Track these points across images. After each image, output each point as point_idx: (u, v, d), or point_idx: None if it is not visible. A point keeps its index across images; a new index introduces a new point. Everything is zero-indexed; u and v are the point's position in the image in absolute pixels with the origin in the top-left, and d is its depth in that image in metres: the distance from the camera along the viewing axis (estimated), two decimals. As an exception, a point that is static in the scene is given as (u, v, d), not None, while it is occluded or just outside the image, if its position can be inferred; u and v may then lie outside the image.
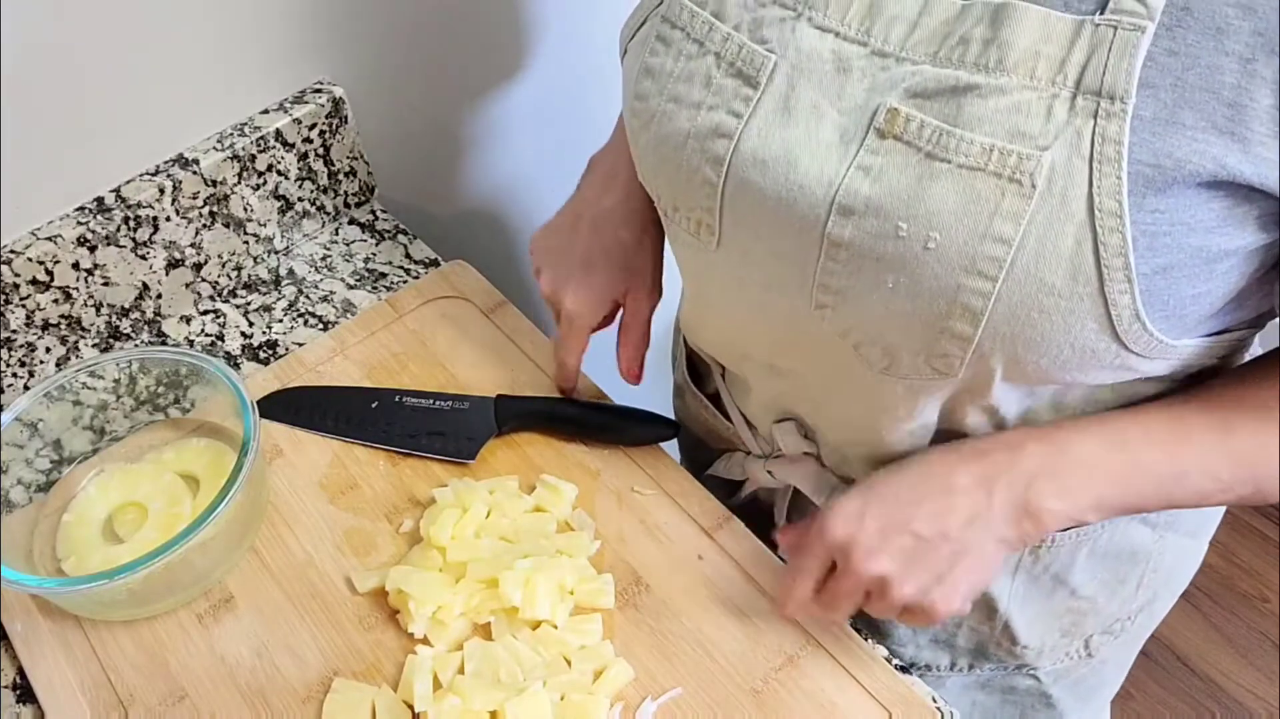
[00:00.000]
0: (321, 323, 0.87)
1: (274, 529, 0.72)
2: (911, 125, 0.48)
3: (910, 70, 0.49)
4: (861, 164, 0.50)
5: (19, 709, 0.66)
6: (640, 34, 0.60)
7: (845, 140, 0.51)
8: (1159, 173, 0.46)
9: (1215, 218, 0.47)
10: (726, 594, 0.67)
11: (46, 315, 0.79)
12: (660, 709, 0.63)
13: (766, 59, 0.53)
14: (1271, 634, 1.64)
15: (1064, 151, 0.46)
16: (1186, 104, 0.45)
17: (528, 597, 0.64)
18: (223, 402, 0.72)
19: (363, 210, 0.95)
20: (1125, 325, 0.49)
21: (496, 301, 0.86)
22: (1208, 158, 0.45)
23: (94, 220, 0.78)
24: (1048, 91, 0.46)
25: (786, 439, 0.70)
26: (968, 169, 0.47)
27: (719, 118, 0.54)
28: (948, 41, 0.49)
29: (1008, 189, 0.47)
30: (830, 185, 0.51)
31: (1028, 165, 0.46)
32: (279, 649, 0.67)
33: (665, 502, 0.72)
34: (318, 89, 0.87)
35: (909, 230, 0.49)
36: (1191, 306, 0.50)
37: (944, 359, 0.52)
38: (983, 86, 0.47)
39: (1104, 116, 0.45)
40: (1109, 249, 0.46)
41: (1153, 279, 0.48)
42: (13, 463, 0.71)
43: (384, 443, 0.76)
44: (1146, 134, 0.45)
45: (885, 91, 0.50)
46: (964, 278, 0.49)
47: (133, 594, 0.65)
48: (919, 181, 0.48)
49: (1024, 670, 0.79)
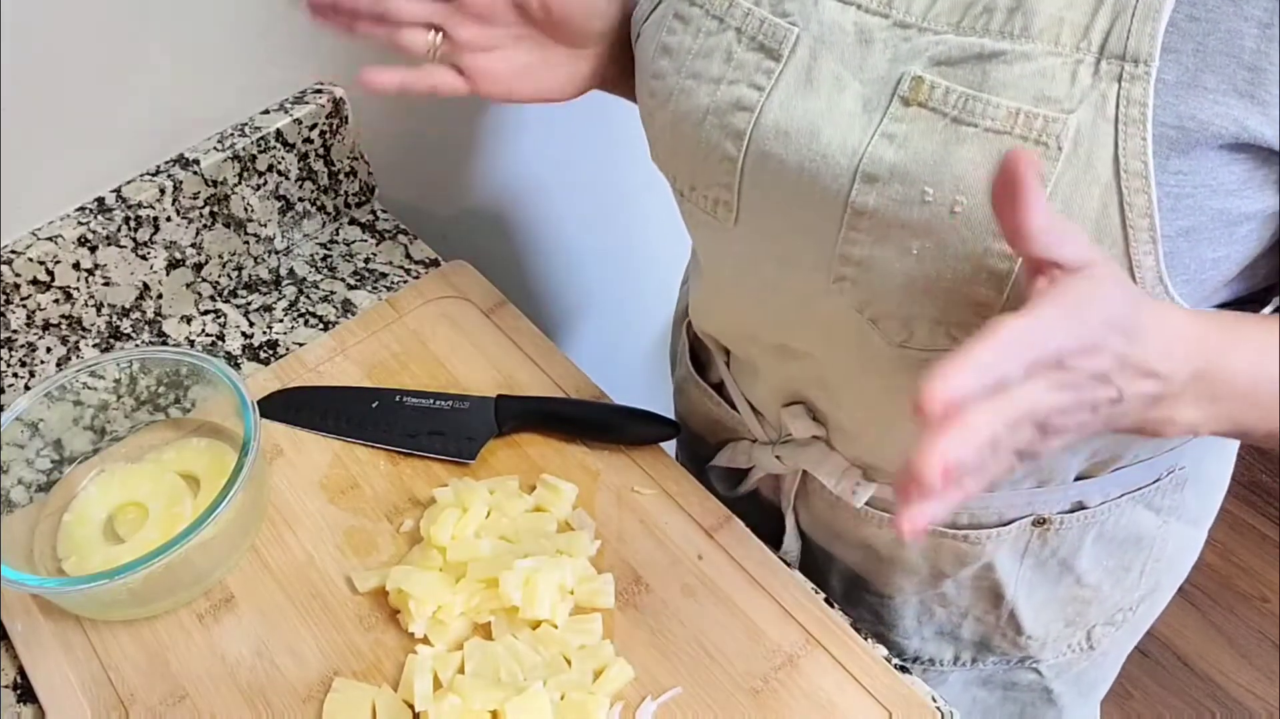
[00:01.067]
0: (322, 323, 0.87)
1: (274, 529, 0.72)
2: (937, 92, 0.49)
3: (933, 39, 0.50)
4: (886, 131, 0.50)
5: (19, 709, 0.66)
6: (655, 15, 0.60)
7: (869, 109, 0.51)
8: (1182, 134, 0.46)
9: (1237, 180, 0.47)
10: (726, 594, 0.68)
11: (47, 315, 0.79)
12: (660, 709, 0.63)
13: (789, 31, 0.53)
14: (1271, 634, 1.65)
15: (1089, 114, 0.47)
16: (1208, 68, 0.45)
17: (528, 596, 0.64)
18: (223, 401, 0.72)
19: (363, 210, 0.95)
20: (1148, 287, 0.49)
21: (496, 301, 0.86)
22: (1229, 119, 0.46)
23: (94, 220, 0.78)
24: (1072, 57, 0.47)
25: (796, 423, 0.70)
26: (994, 133, 0.48)
27: (740, 91, 0.55)
28: (971, 10, 0.49)
29: (1034, 151, 0.47)
30: (854, 153, 0.51)
31: (1054, 128, 0.47)
32: (279, 649, 0.67)
33: (665, 502, 0.72)
34: (318, 89, 0.87)
35: (935, 195, 0.49)
36: (1211, 270, 0.50)
37: (963, 328, 0.53)
38: (1008, 53, 0.48)
39: (1128, 79, 0.46)
40: (1135, 210, 0.47)
41: (1176, 241, 0.48)
42: (13, 463, 0.71)
43: (384, 443, 0.76)
44: (1169, 96, 0.46)
45: (908, 61, 0.50)
46: (991, 241, 0.49)
47: (133, 594, 0.65)
48: (945, 146, 0.49)
49: (1026, 664, 0.79)
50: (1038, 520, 0.68)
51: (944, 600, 0.76)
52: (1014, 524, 0.68)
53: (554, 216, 1.17)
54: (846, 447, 0.70)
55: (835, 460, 0.71)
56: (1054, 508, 0.68)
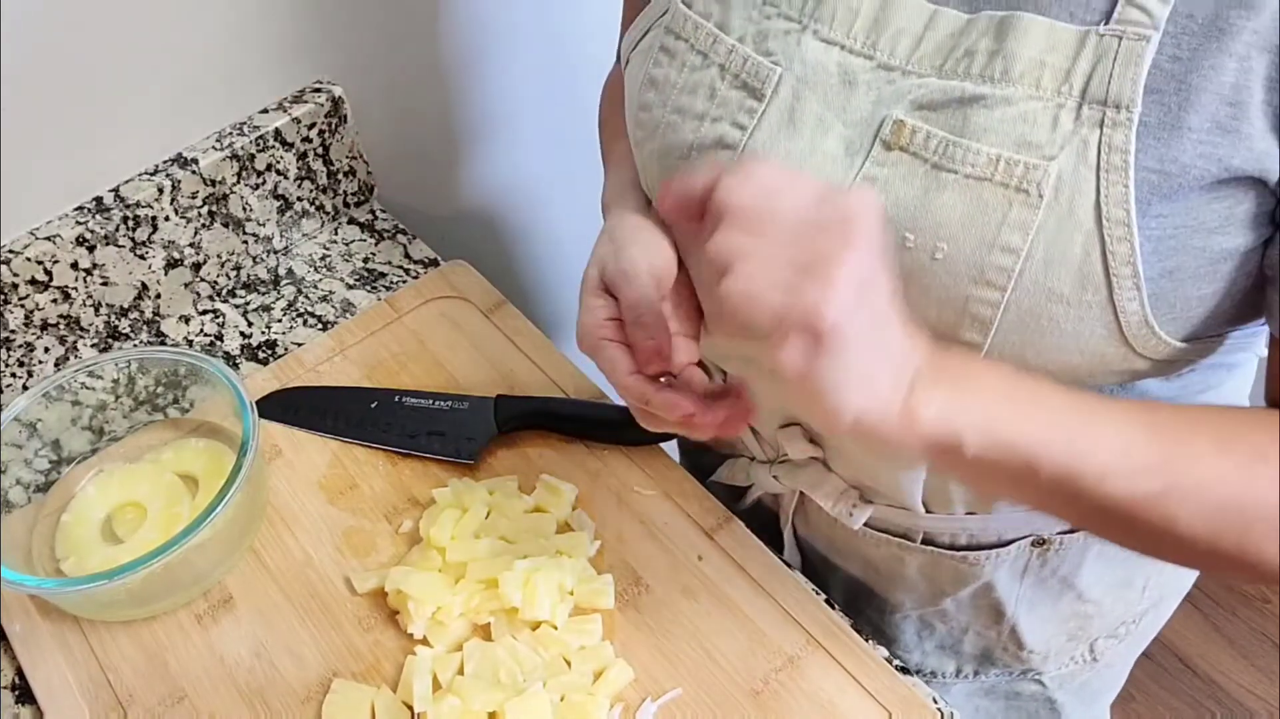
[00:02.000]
0: (321, 323, 0.86)
1: (273, 529, 0.72)
2: (918, 136, 0.48)
3: (916, 83, 0.49)
4: (868, 175, 0.50)
5: (18, 709, 0.66)
6: (643, 44, 0.60)
7: (851, 152, 0.51)
8: (1165, 179, 0.46)
9: (1218, 218, 0.47)
10: (726, 594, 0.67)
11: (45, 315, 0.79)
12: (660, 709, 0.63)
13: (772, 71, 0.53)
14: (1271, 634, 1.64)
15: (1071, 161, 0.46)
16: (1191, 106, 0.45)
17: (527, 597, 0.64)
18: (222, 402, 0.72)
19: (362, 210, 0.95)
20: (1134, 330, 0.49)
21: (496, 301, 0.86)
22: (1212, 160, 0.45)
23: (93, 220, 0.78)
24: (1053, 101, 0.46)
25: (792, 444, 0.70)
26: (975, 179, 0.47)
27: (723, 129, 0.54)
28: (953, 54, 0.49)
29: (1015, 199, 0.47)
30: None
31: (1035, 175, 0.46)
32: (278, 650, 0.66)
33: (665, 502, 0.72)
34: (317, 89, 0.87)
35: (916, 241, 0.49)
36: (1197, 308, 0.50)
37: None
38: (989, 97, 0.47)
39: (1110, 125, 0.45)
40: (1117, 257, 0.46)
41: (1159, 282, 0.48)
42: (12, 463, 0.71)
43: (384, 443, 0.76)
44: (1152, 140, 0.46)
45: (891, 104, 0.50)
46: (972, 288, 0.48)
47: (132, 594, 0.65)
48: (926, 192, 0.48)
49: (1029, 676, 0.79)
50: (1037, 541, 0.68)
51: (944, 617, 0.76)
52: (1013, 544, 0.68)
53: (554, 217, 1.17)
54: (843, 468, 0.69)
55: (833, 482, 0.70)
56: (1053, 528, 0.68)
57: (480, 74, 1.00)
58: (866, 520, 0.70)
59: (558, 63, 1.06)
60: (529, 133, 1.08)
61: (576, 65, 1.07)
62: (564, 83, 1.08)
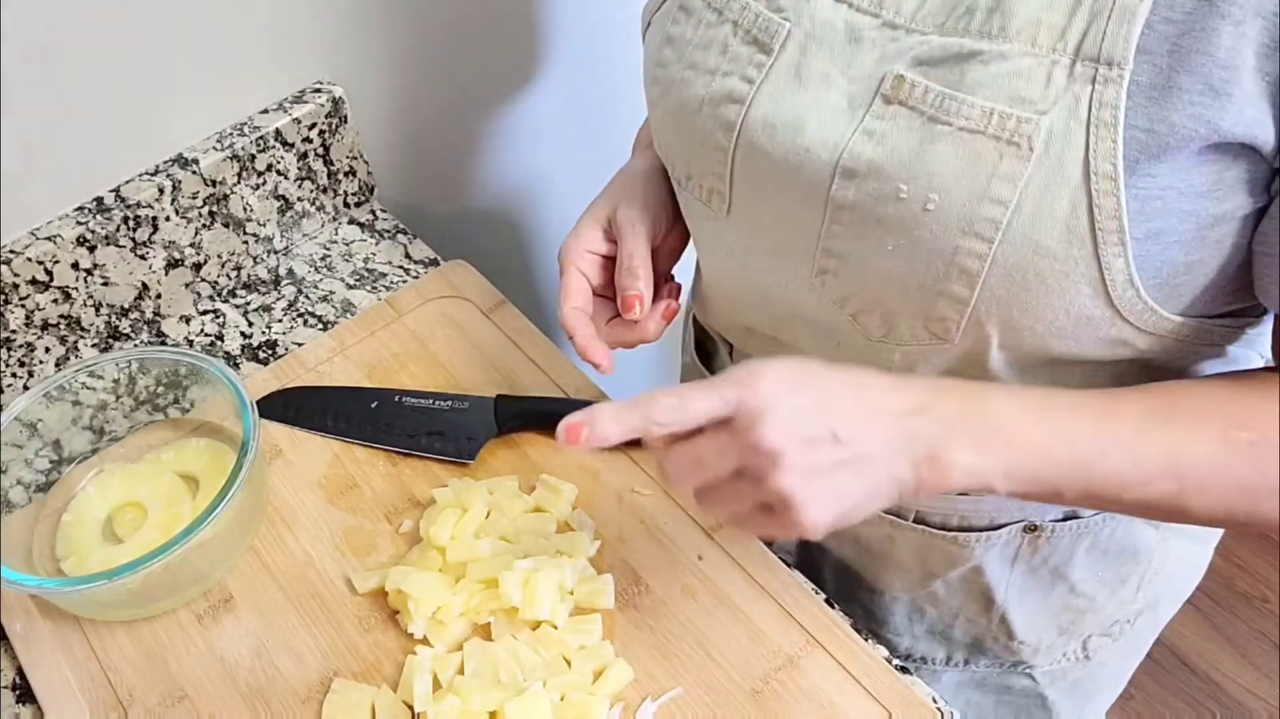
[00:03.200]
0: (321, 323, 0.87)
1: (274, 529, 0.72)
2: (916, 90, 0.50)
3: (919, 40, 0.50)
4: (866, 128, 0.51)
5: (19, 709, 0.66)
6: (665, 7, 0.62)
7: (853, 106, 0.52)
8: (1154, 138, 0.46)
9: (1207, 182, 0.48)
10: (726, 594, 0.67)
11: (46, 315, 0.79)
12: (660, 709, 0.63)
13: (781, 26, 0.54)
14: (1271, 634, 1.64)
15: (1062, 116, 0.47)
16: (1183, 68, 0.45)
17: (528, 597, 0.64)
18: (222, 401, 0.72)
19: (362, 210, 0.95)
20: (1119, 290, 0.50)
21: (496, 301, 0.86)
22: (1202, 121, 0.46)
23: (93, 220, 0.78)
24: (1048, 58, 0.47)
25: None
26: (968, 131, 0.48)
27: (732, 83, 0.56)
28: (955, 11, 0.50)
29: (1006, 151, 0.48)
30: (836, 149, 0.52)
31: (1026, 128, 0.47)
32: (279, 649, 0.66)
33: (665, 502, 0.72)
34: (318, 89, 0.87)
35: (909, 192, 0.50)
36: (1185, 275, 0.51)
37: (941, 323, 0.53)
38: (985, 53, 0.48)
39: (1101, 82, 0.46)
40: (1104, 212, 0.47)
41: (1146, 244, 0.48)
42: (12, 463, 0.71)
43: (384, 443, 0.76)
44: (1143, 99, 0.46)
45: (894, 60, 0.51)
46: (961, 239, 0.49)
47: (132, 594, 0.65)
48: (920, 144, 0.49)
49: (1020, 669, 0.79)
50: (1029, 527, 0.68)
51: (934, 600, 0.76)
52: (1004, 529, 0.68)
53: (554, 216, 1.17)
54: None
55: None
56: (1046, 515, 0.68)
57: (481, 74, 1.00)
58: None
59: (559, 62, 1.06)
60: (529, 133, 1.08)
61: (578, 65, 1.07)
62: (565, 82, 1.08)
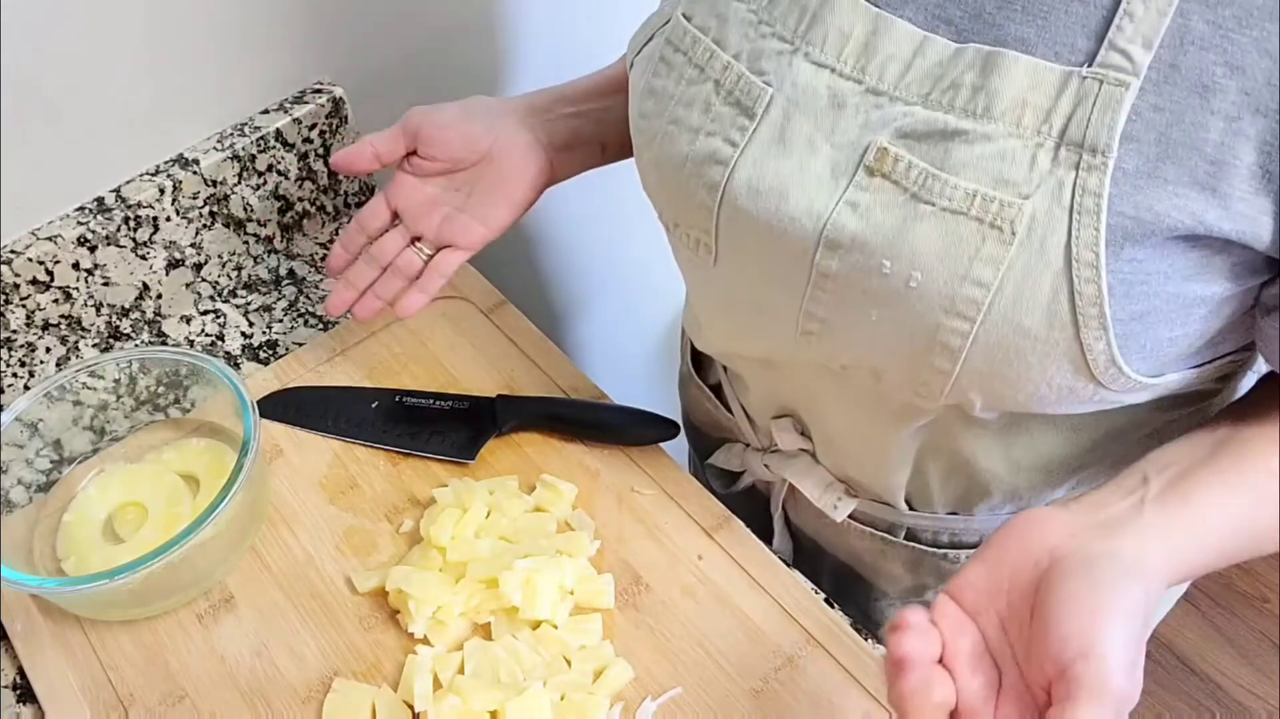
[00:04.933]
0: (321, 323, 0.87)
1: (274, 529, 0.72)
2: (900, 165, 0.49)
3: (903, 110, 0.49)
4: (850, 200, 0.50)
5: (19, 709, 0.66)
6: (646, 50, 0.61)
7: (836, 175, 0.51)
8: (1138, 225, 0.46)
9: (1191, 266, 0.47)
10: (726, 594, 0.67)
11: (46, 315, 0.79)
12: (660, 709, 0.63)
13: (764, 91, 0.53)
14: (1271, 634, 1.64)
15: (1045, 201, 0.46)
16: (1169, 159, 0.45)
17: (528, 597, 0.64)
18: (223, 401, 0.72)
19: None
20: (1101, 368, 0.49)
21: (496, 301, 0.86)
22: (1186, 213, 0.45)
23: (94, 220, 0.78)
24: (1033, 140, 0.46)
25: (783, 435, 0.71)
26: (950, 212, 0.48)
27: (715, 144, 0.55)
28: (939, 84, 0.49)
29: (988, 234, 0.47)
30: (819, 219, 0.51)
31: (1009, 213, 0.47)
32: (279, 649, 0.67)
33: (665, 502, 0.72)
34: (318, 89, 0.87)
35: (892, 268, 0.49)
36: (1169, 348, 0.51)
37: (925, 386, 0.53)
38: (970, 132, 0.47)
39: (1085, 169, 0.46)
40: (1084, 298, 0.47)
41: (1129, 325, 0.48)
42: (13, 463, 0.71)
43: (384, 443, 0.76)
44: (1128, 186, 0.46)
45: (878, 129, 0.50)
46: (943, 317, 0.49)
47: (133, 594, 0.65)
48: (904, 221, 0.49)
49: None
50: None
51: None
52: None
53: (554, 217, 1.17)
54: (831, 460, 0.70)
55: (819, 474, 0.71)
56: None
57: (481, 74, 1.00)
58: (851, 514, 0.71)
59: (559, 63, 1.06)
60: (529, 133, 1.08)
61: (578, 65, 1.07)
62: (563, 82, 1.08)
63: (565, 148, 0.74)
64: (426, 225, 0.74)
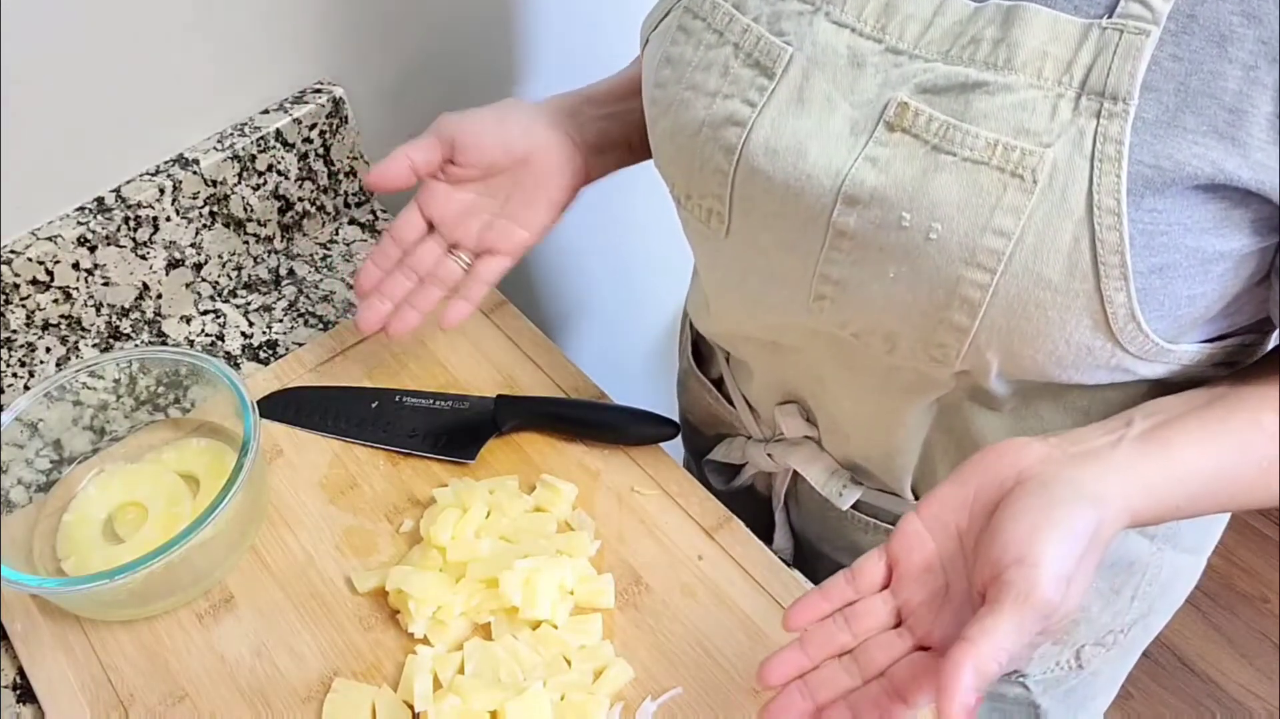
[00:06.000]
0: (321, 323, 0.87)
1: (274, 529, 0.72)
2: (920, 119, 0.49)
3: (922, 67, 0.50)
4: (869, 155, 0.51)
5: (19, 709, 0.66)
6: (663, 25, 0.61)
7: (855, 132, 0.52)
8: (1158, 173, 0.46)
9: (1212, 219, 0.48)
10: (726, 594, 0.67)
11: (46, 315, 0.79)
12: (660, 709, 0.63)
13: (783, 51, 0.53)
14: (1271, 634, 1.65)
15: (1066, 149, 0.47)
16: (1188, 108, 0.46)
17: (528, 597, 0.64)
18: (223, 401, 0.72)
19: (363, 210, 0.95)
20: (1120, 324, 0.49)
21: (496, 301, 0.86)
22: (1206, 161, 0.46)
23: (94, 220, 0.78)
24: (1053, 91, 0.47)
25: (788, 421, 0.71)
26: (972, 162, 0.48)
27: (733, 106, 0.55)
28: (959, 40, 0.50)
29: (1010, 183, 0.47)
30: (838, 175, 0.52)
31: (1030, 161, 0.47)
32: (279, 649, 0.67)
33: (665, 502, 0.72)
34: (318, 89, 0.87)
35: (912, 220, 0.50)
36: (1187, 307, 0.51)
37: (941, 348, 0.53)
38: (991, 84, 0.48)
39: (1106, 117, 0.46)
40: (1106, 246, 0.47)
41: (1149, 278, 0.48)
42: (13, 463, 0.71)
43: (384, 443, 0.76)
44: (1148, 135, 0.46)
45: (897, 87, 0.51)
46: (963, 269, 0.49)
47: (133, 594, 0.65)
48: (924, 173, 0.49)
49: (1012, 677, 0.79)
50: None
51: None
52: None
53: (554, 216, 1.17)
54: (837, 447, 0.70)
55: (824, 461, 0.71)
56: None
57: (481, 74, 1.00)
58: (856, 504, 0.71)
59: (560, 63, 1.06)
60: (529, 133, 1.08)
61: (579, 65, 1.07)
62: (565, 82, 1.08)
63: (597, 149, 0.74)
64: (464, 233, 0.73)
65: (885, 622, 0.49)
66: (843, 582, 0.50)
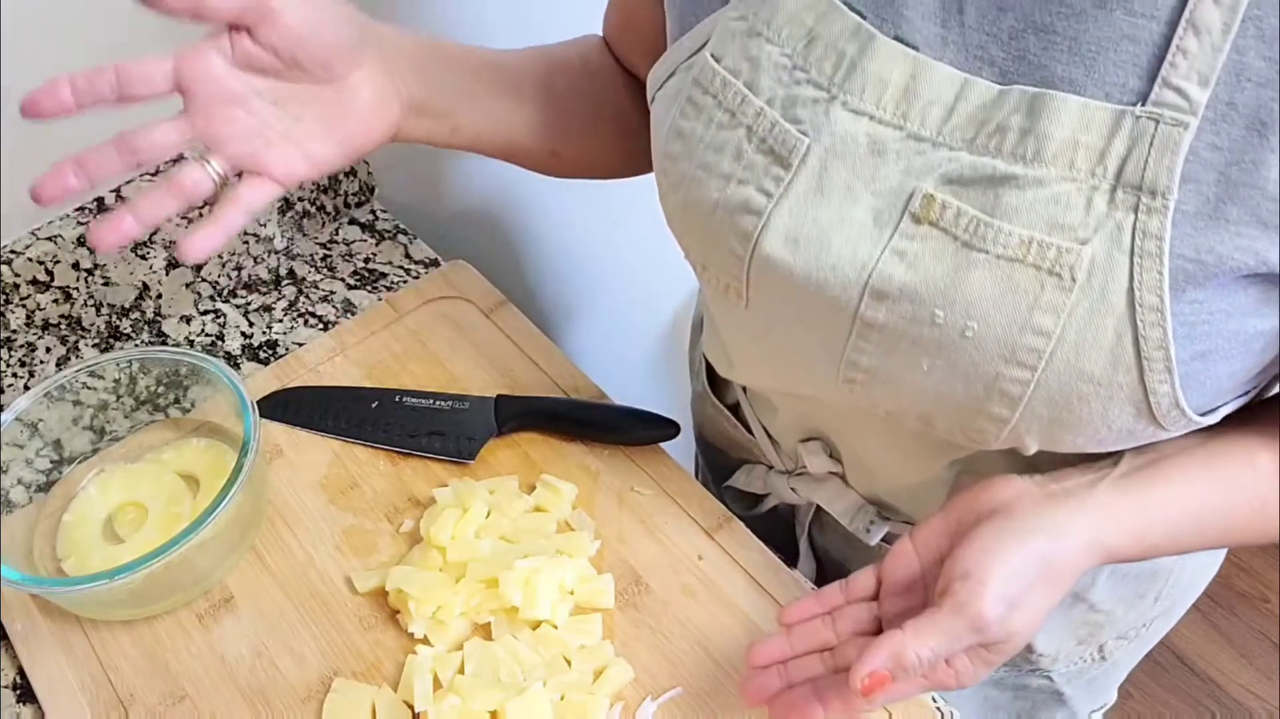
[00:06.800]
0: (321, 323, 0.87)
1: (274, 529, 0.72)
2: (948, 213, 0.47)
3: (947, 155, 0.48)
4: (896, 248, 0.48)
5: (19, 709, 0.66)
6: (669, 87, 0.58)
7: (879, 223, 0.49)
8: (1200, 268, 0.45)
9: (1253, 302, 0.46)
10: (726, 594, 0.67)
11: (46, 315, 0.79)
12: (660, 709, 0.63)
13: (800, 141, 0.50)
14: (1271, 634, 1.65)
15: (1104, 245, 0.45)
16: (1230, 199, 0.44)
17: (528, 597, 0.64)
18: (223, 401, 0.72)
19: (363, 210, 0.95)
20: (1164, 411, 0.48)
21: (496, 301, 0.86)
22: (1250, 253, 0.44)
23: (94, 220, 0.78)
24: (1087, 183, 0.45)
25: (812, 458, 0.69)
26: (1006, 260, 0.46)
27: (748, 193, 0.52)
28: (984, 129, 0.47)
29: (1047, 281, 0.46)
30: (864, 268, 0.49)
31: (1068, 258, 0.45)
32: (279, 649, 0.67)
33: (665, 502, 0.72)
34: (318, 89, 0.87)
35: (945, 318, 0.48)
36: (1227, 382, 0.50)
37: (980, 433, 0.52)
38: (1021, 178, 0.46)
39: (1145, 212, 0.44)
40: (1150, 342, 0.46)
41: (1190, 364, 0.47)
42: (13, 463, 0.71)
43: (384, 443, 0.76)
44: (1188, 228, 0.44)
45: (921, 175, 0.48)
46: (1003, 366, 0.48)
47: (133, 594, 0.65)
48: (956, 270, 0.47)
49: (1038, 673, 0.79)
50: None
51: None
52: None
53: (554, 217, 1.17)
54: (863, 484, 0.69)
55: (850, 498, 0.70)
56: None
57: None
58: (883, 536, 0.70)
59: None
60: (529, 133, 1.08)
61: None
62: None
63: (418, 110, 0.65)
64: (229, 135, 0.56)
65: (865, 627, 0.54)
66: (836, 590, 0.56)
